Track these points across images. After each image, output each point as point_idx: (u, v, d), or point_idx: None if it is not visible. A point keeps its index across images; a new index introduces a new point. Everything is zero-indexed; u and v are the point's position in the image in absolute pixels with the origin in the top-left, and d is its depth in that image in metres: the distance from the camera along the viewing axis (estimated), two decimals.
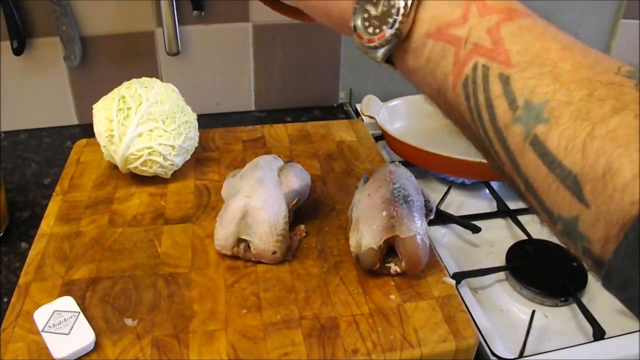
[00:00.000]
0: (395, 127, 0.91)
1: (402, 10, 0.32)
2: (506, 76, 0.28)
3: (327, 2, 0.37)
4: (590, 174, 0.25)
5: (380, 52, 0.34)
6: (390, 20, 0.32)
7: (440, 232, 0.72)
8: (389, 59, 0.35)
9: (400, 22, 0.32)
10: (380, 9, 0.33)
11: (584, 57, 0.29)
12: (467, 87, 0.30)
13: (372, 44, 0.34)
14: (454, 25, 0.31)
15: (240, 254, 0.58)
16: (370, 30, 0.34)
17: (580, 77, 0.27)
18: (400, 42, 0.33)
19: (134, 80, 0.70)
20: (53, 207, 0.66)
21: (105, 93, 0.70)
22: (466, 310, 0.54)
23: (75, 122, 0.94)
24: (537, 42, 0.29)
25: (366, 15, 0.34)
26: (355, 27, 0.34)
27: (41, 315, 0.50)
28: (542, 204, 0.29)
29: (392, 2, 0.32)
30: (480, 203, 0.78)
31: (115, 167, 0.70)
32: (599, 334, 0.57)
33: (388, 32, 0.33)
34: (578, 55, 0.29)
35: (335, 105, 1.03)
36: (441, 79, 0.32)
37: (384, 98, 0.93)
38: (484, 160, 0.33)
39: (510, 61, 0.29)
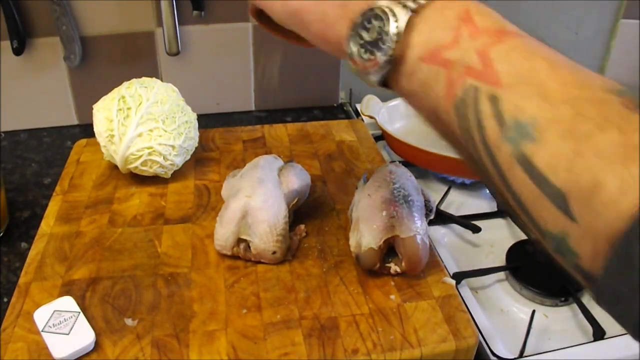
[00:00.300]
0: (395, 127, 0.91)
1: (393, 36, 0.32)
2: (495, 96, 0.29)
3: (324, 28, 0.37)
4: (576, 190, 0.26)
5: (375, 78, 0.34)
6: (383, 46, 0.32)
7: (440, 232, 0.72)
8: (385, 83, 0.35)
9: (393, 48, 0.32)
10: (373, 34, 0.33)
11: (572, 75, 0.29)
12: (459, 109, 0.31)
13: (366, 70, 0.34)
14: (446, 48, 0.31)
15: (240, 254, 0.58)
16: (365, 56, 0.34)
17: (567, 96, 0.28)
18: (395, 67, 0.33)
19: (134, 80, 0.70)
20: (53, 207, 0.66)
21: (105, 93, 0.70)
22: (466, 310, 0.54)
23: (75, 122, 0.94)
24: (526, 62, 0.29)
25: (360, 41, 0.34)
26: (350, 53, 0.35)
27: (41, 315, 0.50)
28: (532, 221, 0.29)
29: (384, 28, 0.32)
30: (480, 203, 0.78)
31: (115, 167, 0.70)
32: (599, 334, 0.57)
33: (381, 58, 0.33)
34: (567, 74, 0.29)
35: (335, 105, 1.03)
36: (435, 101, 0.32)
37: (384, 98, 0.93)
38: None
39: (500, 82, 0.29)
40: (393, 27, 0.32)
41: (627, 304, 0.25)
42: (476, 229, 0.70)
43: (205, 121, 0.80)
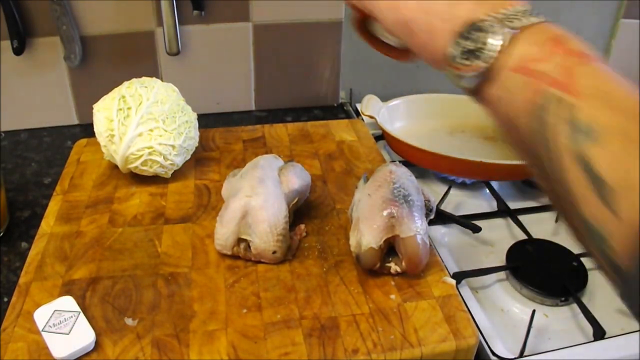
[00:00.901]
0: (396, 126, 0.91)
1: (495, 49, 0.36)
2: (574, 105, 0.33)
3: (429, 39, 0.40)
4: (625, 189, 0.29)
5: (470, 83, 0.38)
6: (484, 54, 0.36)
7: (441, 232, 0.72)
8: (472, 90, 0.39)
9: (493, 58, 0.36)
10: (475, 44, 0.37)
11: None
12: (538, 114, 0.34)
13: (465, 74, 0.38)
14: (537, 62, 0.35)
15: (241, 254, 0.58)
16: (466, 62, 0.37)
17: (636, 113, 0.31)
18: (488, 74, 0.37)
19: (134, 80, 0.70)
20: (53, 207, 0.66)
21: (106, 93, 0.70)
22: (466, 310, 0.54)
23: (76, 121, 0.94)
24: (605, 82, 0.34)
25: (461, 49, 0.38)
26: (451, 58, 0.38)
27: (41, 315, 0.50)
28: (582, 218, 0.32)
29: (488, 41, 0.36)
30: (481, 203, 0.78)
31: (116, 166, 0.70)
32: (599, 333, 0.57)
33: (482, 65, 0.37)
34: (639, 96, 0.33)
35: (335, 104, 1.04)
36: (517, 107, 0.36)
37: (384, 98, 0.93)
38: (485, 160, 0.34)
39: (580, 93, 0.33)
40: (496, 42, 0.36)
41: None
42: (476, 229, 0.70)
43: (205, 121, 0.80)
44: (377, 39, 0.51)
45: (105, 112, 0.67)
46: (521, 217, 0.73)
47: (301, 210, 0.65)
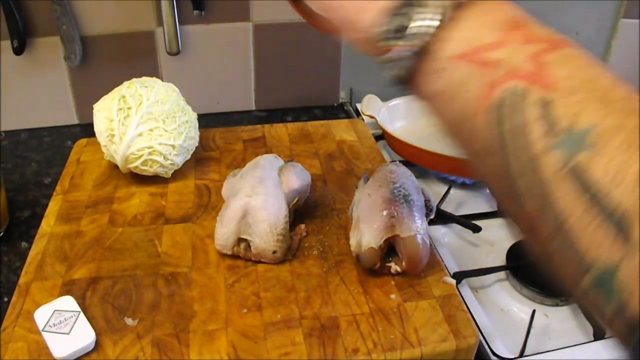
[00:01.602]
0: (396, 126, 0.91)
1: (427, 27, 0.30)
2: (548, 100, 0.26)
3: (352, 13, 0.34)
4: None
5: (398, 70, 0.31)
6: (413, 34, 0.30)
7: (441, 232, 0.72)
8: (405, 80, 0.32)
9: (425, 38, 0.30)
10: (405, 22, 0.30)
11: (634, 91, 0.27)
12: (499, 111, 0.28)
13: (391, 55, 0.31)
14: (490, 49, 0.28)
15: (241, 254, 0.58)
16: (392, 43, 0.31)
17: (634, 106, 0.25)
18: (423, 61, 0.30)
19: (134, 79, 0.70)
20: (53, 207, 0.66)
21: (106, 93, 0.70)
22: (466, 309, 0.54)
23: (76, 121, 0.94)
24: (585, 70, 0.27)
25: (390, 27, 0.31)
26: (378, 36, 0.32)
27: (41, 315, 0.50)
28: (572, 247, 0.25)
29: (418, 17, 0.30)
30: (481, 202, 0.78)
31: (116, 166, 0.70)
32: (599, 333, 0.57)
33: (409, 47, 0.30)
34: (630, 87, 0.27)
35: (335, 104, 1.03)
36: (466, 103, 0.29)
37: (385, 97, 0.93)
38: None
39: (555, 85, 0.26)
40: (428, 18, 0.29)
41: None
42: (476, 229, 0.70)
43: (206, 121, 0.80)
44: (314, 14, 0.41)
45: (106, 112, 0.67)
46: None
47: (301, 210, 0.65)
